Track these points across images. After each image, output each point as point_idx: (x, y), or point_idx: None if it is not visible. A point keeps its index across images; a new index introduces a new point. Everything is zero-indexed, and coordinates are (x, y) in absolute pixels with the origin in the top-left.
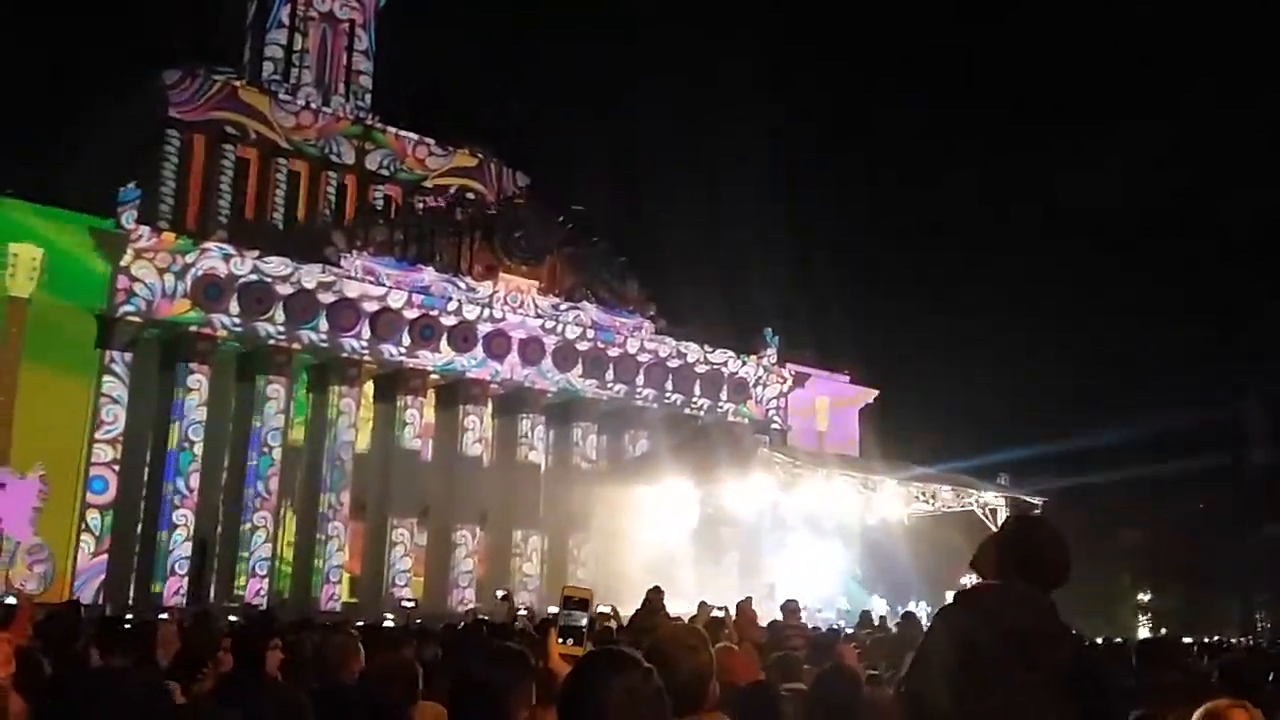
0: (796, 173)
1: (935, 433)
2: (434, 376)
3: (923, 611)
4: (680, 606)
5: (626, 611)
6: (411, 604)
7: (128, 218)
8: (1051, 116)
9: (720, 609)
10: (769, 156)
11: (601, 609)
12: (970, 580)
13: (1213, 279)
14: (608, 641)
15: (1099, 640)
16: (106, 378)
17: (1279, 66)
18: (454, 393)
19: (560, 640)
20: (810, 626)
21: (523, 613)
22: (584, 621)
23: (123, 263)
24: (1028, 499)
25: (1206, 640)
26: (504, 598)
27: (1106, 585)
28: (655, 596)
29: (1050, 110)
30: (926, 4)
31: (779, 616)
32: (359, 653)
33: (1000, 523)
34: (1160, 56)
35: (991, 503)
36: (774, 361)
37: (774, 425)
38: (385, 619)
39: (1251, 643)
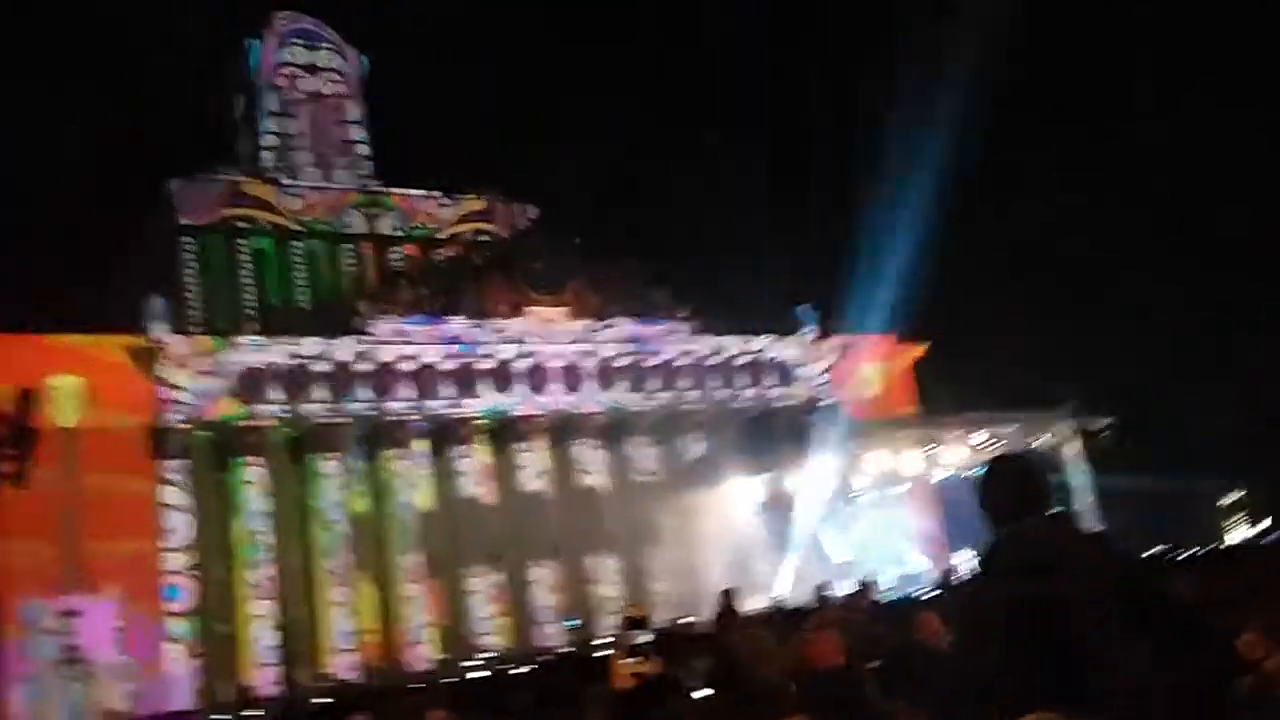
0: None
1: (997, 375)
2: (481, 421)
3: None
4: (761, 602)
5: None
6: (494, 654)
7: (159, 329)
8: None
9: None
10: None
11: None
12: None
13: None
14: (678, 654)
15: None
16: (165, 487)
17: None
18: (504, 434)
19: (626, 660)
20: (879, 597)
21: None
22: (645, 637)
23: (161, 373)
24: (1095, 423)
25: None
26: (575, 628)
27: (1188, 491)
28: (723, 600)
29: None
30: None
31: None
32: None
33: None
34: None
35: (1060, 434)
36: (815, 338)
37: (825, 400)
38: (472, 669)
39: None
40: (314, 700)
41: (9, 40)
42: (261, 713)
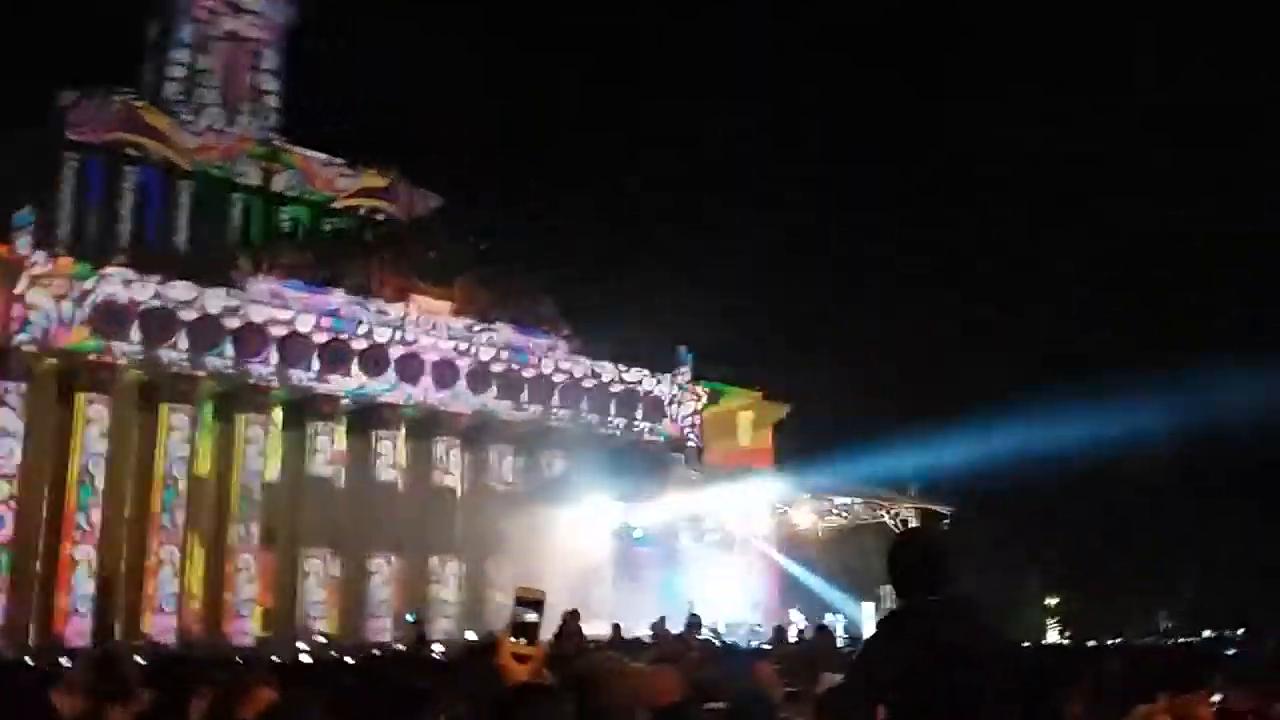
0: (711, 189)
1: (847, 448)
2: (345, 402)
3: (838, 623)
4: (598, 627)
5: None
6: (324, 639)
7: (23, 243)
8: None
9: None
10: (681, 172)
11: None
12: (886, 590)
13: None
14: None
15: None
16: (0, 410)
17: None
18: (366, 418)
19: (513, 639)
20: (716, 639)
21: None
22: (535, 618)
23: (17, 290)
24: (937, 509)
25: (1110, 642)
26: (413, 623)
27: (1015, 591)
28: (570, 620)
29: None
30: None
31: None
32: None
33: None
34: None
35: (903, 513)
36: (689, 379)
37: (689, 443)
38: (299, 652)
39: (1156, 641)
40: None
41: None
42: (69, 663)
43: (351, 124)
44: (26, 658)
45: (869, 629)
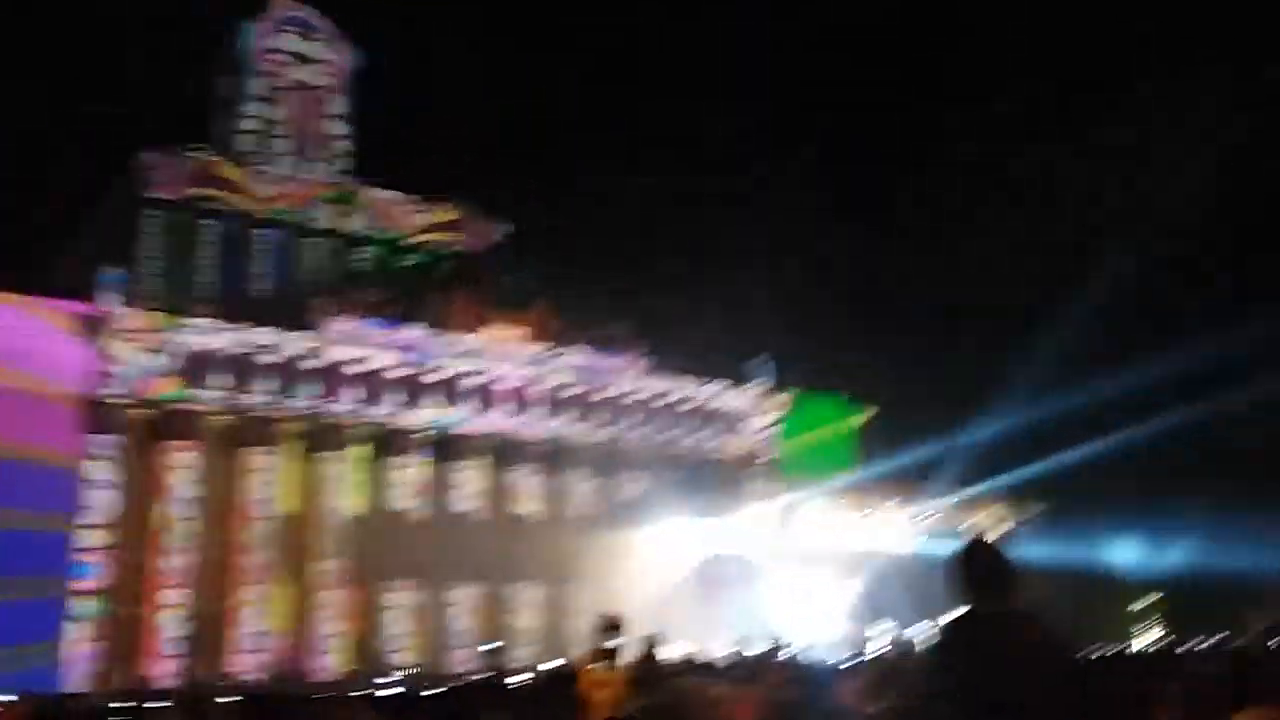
0: (786, 197)
1: (933, 453)
2: (423, 434)
3: (921, 636)
4: (678, 649)
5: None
6: (405, 671)
7: (110, 300)
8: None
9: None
10: (753, 184)
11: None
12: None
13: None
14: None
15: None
16: (92, 462)
17: None
18: (444, 449)
19: (593, 665)
20: (801, 660)
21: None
22: (615, 643)
23: (106, 345)
24: (1026, 511)
25: (1203, 645)
26: (491, 652)
27: (1107, 598)
28: (645, 646)
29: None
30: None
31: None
32: None
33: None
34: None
35: (994, 518)
36: (766, 390)
37: (769, 456)
38: (379, 686)
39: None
40: (220, 699)
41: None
42: (165, 703)
43: (419, 159)
44: (111, 703)
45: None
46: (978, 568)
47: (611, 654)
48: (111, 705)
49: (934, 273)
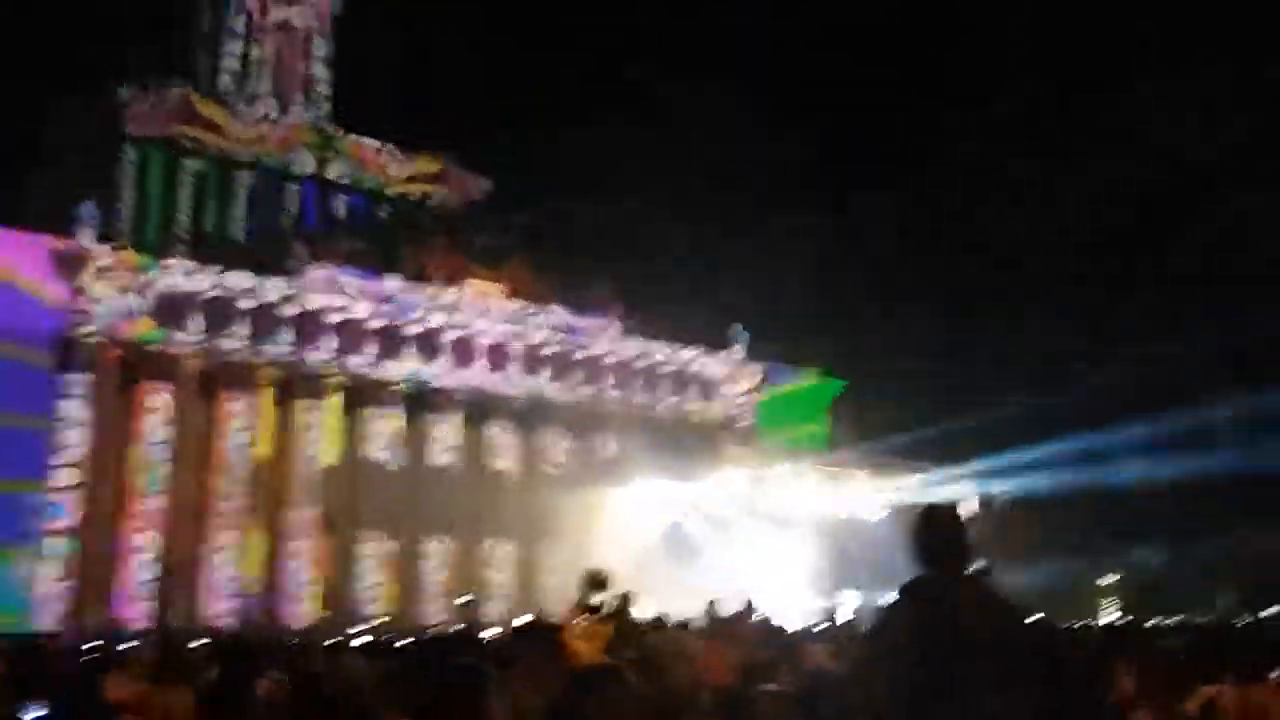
0: (763, 168)
1: (907, 426)
2: (400, 387)
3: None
4: (651, 609)
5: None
6: (384, 619)
7: (85, 237)
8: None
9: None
10: (732, 151)
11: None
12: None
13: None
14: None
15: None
16: (65, 401)
17: None
18: (421, 402)
19: (582, 619)
20: (767, 622)
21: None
22: (601, 598)
23: (81, 283)
24: (996, 492)
25: (1169, 621)
26: (465, 604)
27: (1071, 572)
28: (621, 602)
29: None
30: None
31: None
32: None
33: (970, 513)
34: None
35: (962, 495)
36: (742, 358)
37: (743, 422)
38: (352, 634)
39: (1219, 620)
40: (195, 642)
41: None
42: (135, 644)
43: (402, 109)
44: (85, 644)
45: None
46: (936, 534)
47: (597, 609)
48: (83, 647)
49: (919, 250)
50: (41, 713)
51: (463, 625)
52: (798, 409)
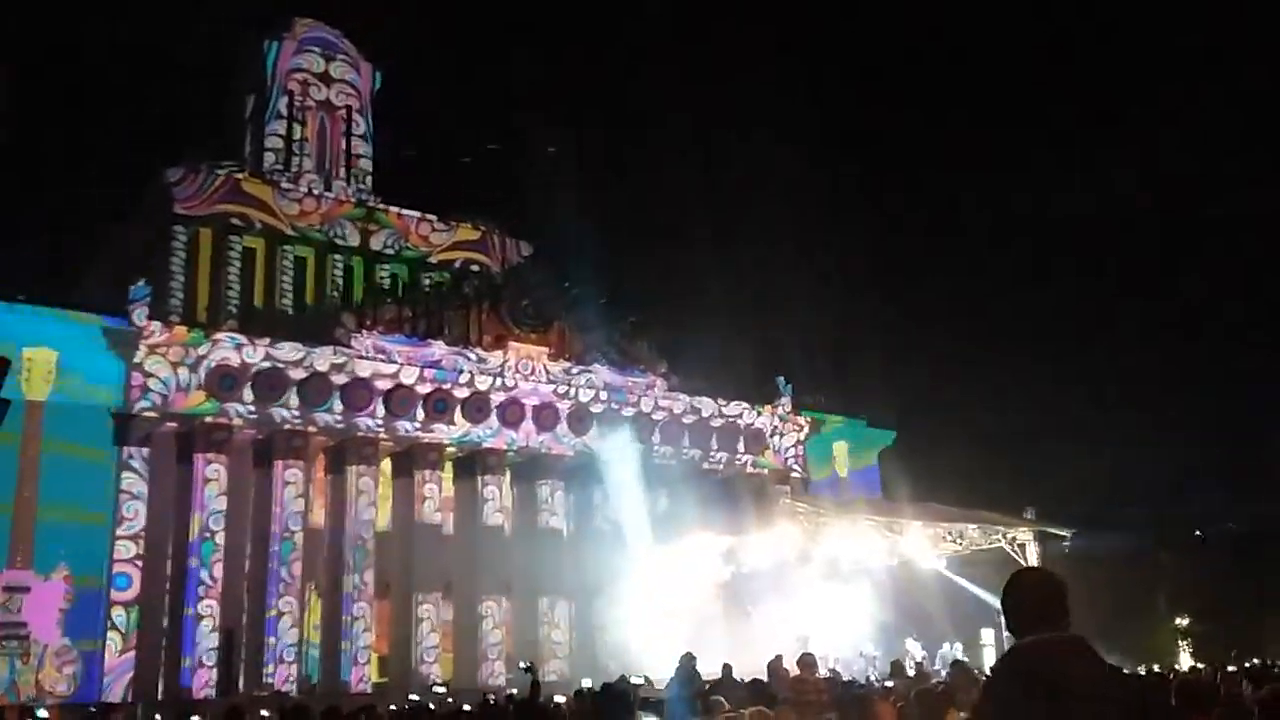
0: (800, 219)
1: (959, 472)
2: (450, 449)
3: (959, 653)
4: (709, 665)
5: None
6: (442, 687)
7: (139, 315)
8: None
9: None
10: (768, 207)
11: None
12: (1003, 619)
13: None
14: None
15: (1141, 671)
16: (125, 474)
17: None
18: (471, 464)
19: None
20: (840, 677)
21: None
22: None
23: (136, 359)
24: (1055, 531)
25: (1248, 665)
26: (526, 670)
27: (1142, 613)
28: (688, 663)
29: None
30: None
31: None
32: None
33: (1028, 559)
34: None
35: (1020, 538)
36: (789, 410)
37: (794, 474)
38: (411, 699)
39: None
40: (263, 712)
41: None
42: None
43: (441, 179)
44: (157, 715)
45: (989, 657)
46: (1032, 596)
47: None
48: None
49: (962, 294)
50: None
51: (523, 692)
52: (847, 458)
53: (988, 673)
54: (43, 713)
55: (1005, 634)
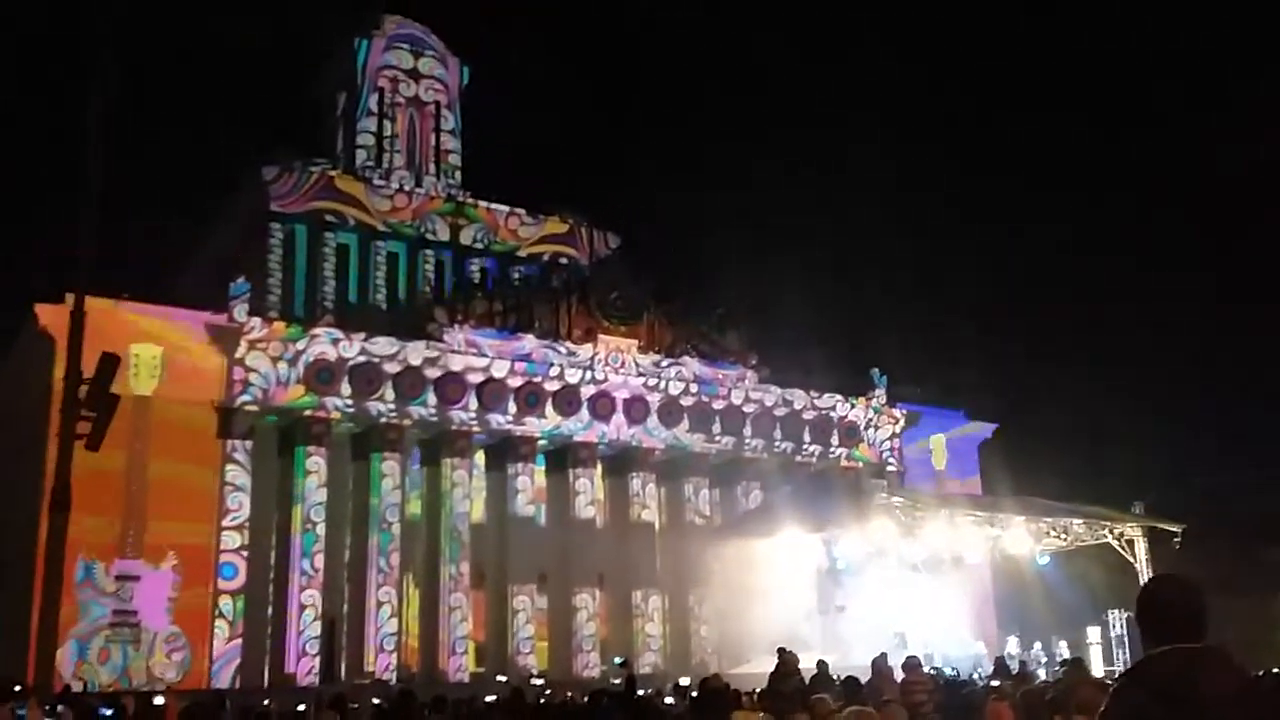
0: (893, 208)
1: (1063, 464)
2: (542, 442)
3: (1064, 651)
4: (804, 660)
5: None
6: (539, 678)
7: (239, 311)
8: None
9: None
10: (859, 196)
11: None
12: (1114, 616)
13: None
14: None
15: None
16: (229, 466)
17: None
18: (563, 457)
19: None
20: (940, 676)
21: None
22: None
23: (237, 355)
24: (1165, 525)
25: None
26: (621, 665)
27: (1257, 609)
28: (790, 659)
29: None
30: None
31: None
32: None
33: (1136, 556)
34: None
35: (1128, 533)
36: (884, 402)
37: (889, 467)
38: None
39: None
40: (374, 700)
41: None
42: (302, 706)
43: (531, 173)
44: (266, 701)
45: (1096, 656)
46: (1173, 610)
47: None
48: (264, 703)
49: (1064, 286)
50: None
51: (619, 686)
52: (946, 451)
53: (1098, 675)
54: (159, 700)
55: (1119, 636)
